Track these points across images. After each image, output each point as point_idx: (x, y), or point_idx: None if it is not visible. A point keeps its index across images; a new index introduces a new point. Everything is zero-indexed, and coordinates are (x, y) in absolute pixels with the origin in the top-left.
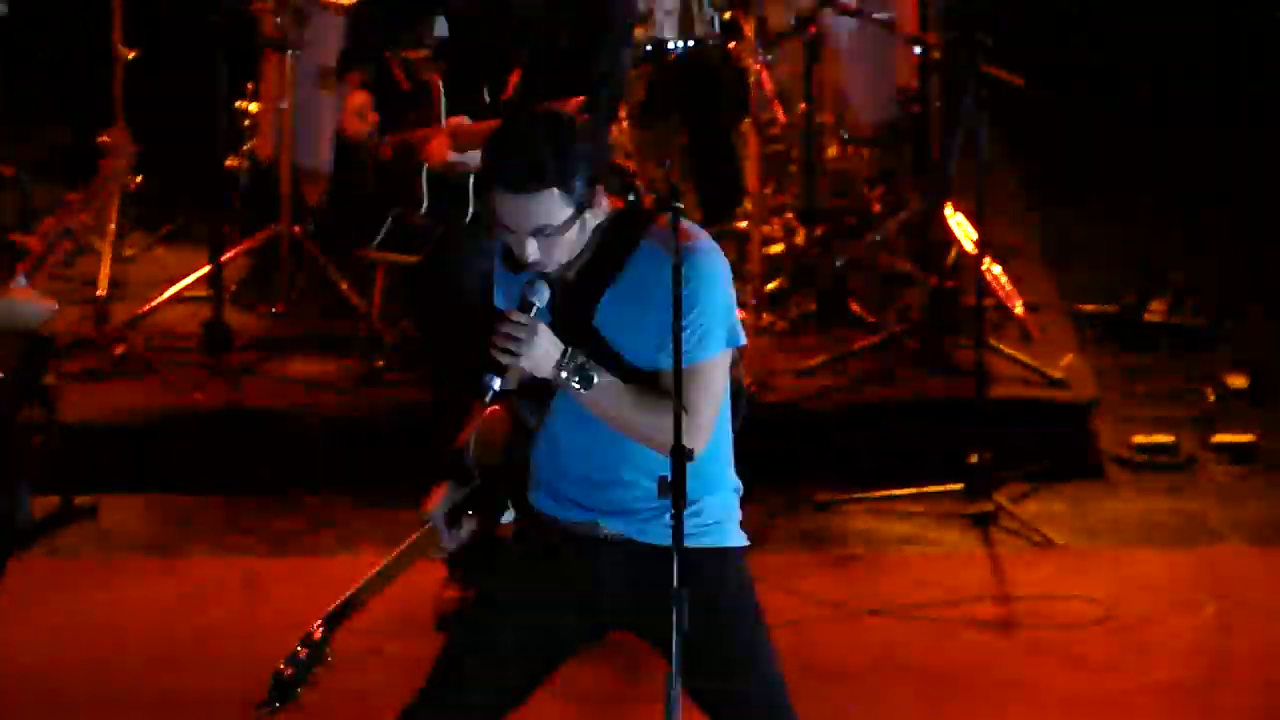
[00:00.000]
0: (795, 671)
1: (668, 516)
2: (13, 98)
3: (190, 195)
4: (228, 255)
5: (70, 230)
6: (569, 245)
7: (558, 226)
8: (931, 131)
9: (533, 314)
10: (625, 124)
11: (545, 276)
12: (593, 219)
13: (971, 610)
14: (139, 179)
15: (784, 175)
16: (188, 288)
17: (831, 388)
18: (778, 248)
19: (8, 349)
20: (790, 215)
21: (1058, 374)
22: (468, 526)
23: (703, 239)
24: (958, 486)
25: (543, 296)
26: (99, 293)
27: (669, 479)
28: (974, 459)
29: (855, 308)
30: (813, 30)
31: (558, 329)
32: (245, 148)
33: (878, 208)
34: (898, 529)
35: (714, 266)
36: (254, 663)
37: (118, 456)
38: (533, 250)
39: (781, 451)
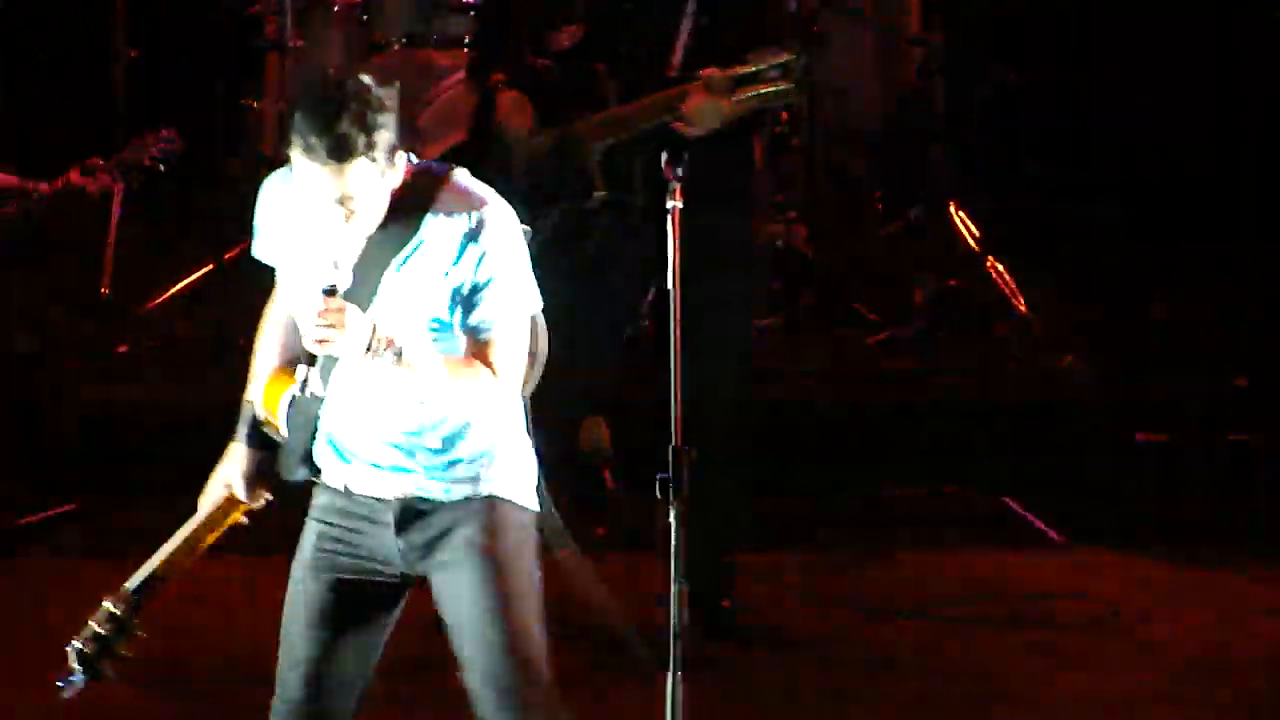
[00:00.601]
0: (796, 665)
1: (451, 472)
2: (13, 98)
3: (194, 194)
4: (231, 254)
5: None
6: (373, 213)
7: (365, 196)
8: (934, 130)
9: (338, 296)
10: None
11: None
12: (391, 183)
13: (976, 609)
14: (141, 177)
15: (787, 174)
16: (189, 286)
17: (835, 388)
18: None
19: None
20: (793, 214)
21: (1060, 372)
22: (264, 486)
23: (495, 198)
24: (963, 485)
25: (345, 280)
26: (102, 291)
27: (668, 479)
28: (980, 458)
29: (858, 307)
30: (814, 30)
31: (354, 295)
32: (248, 146)
33: (881, 207)
34: (903, 528)
35: (508, 227)
36: (256, 661)
37: (121, 455)
38: (336, 220)
39: (787, 451)
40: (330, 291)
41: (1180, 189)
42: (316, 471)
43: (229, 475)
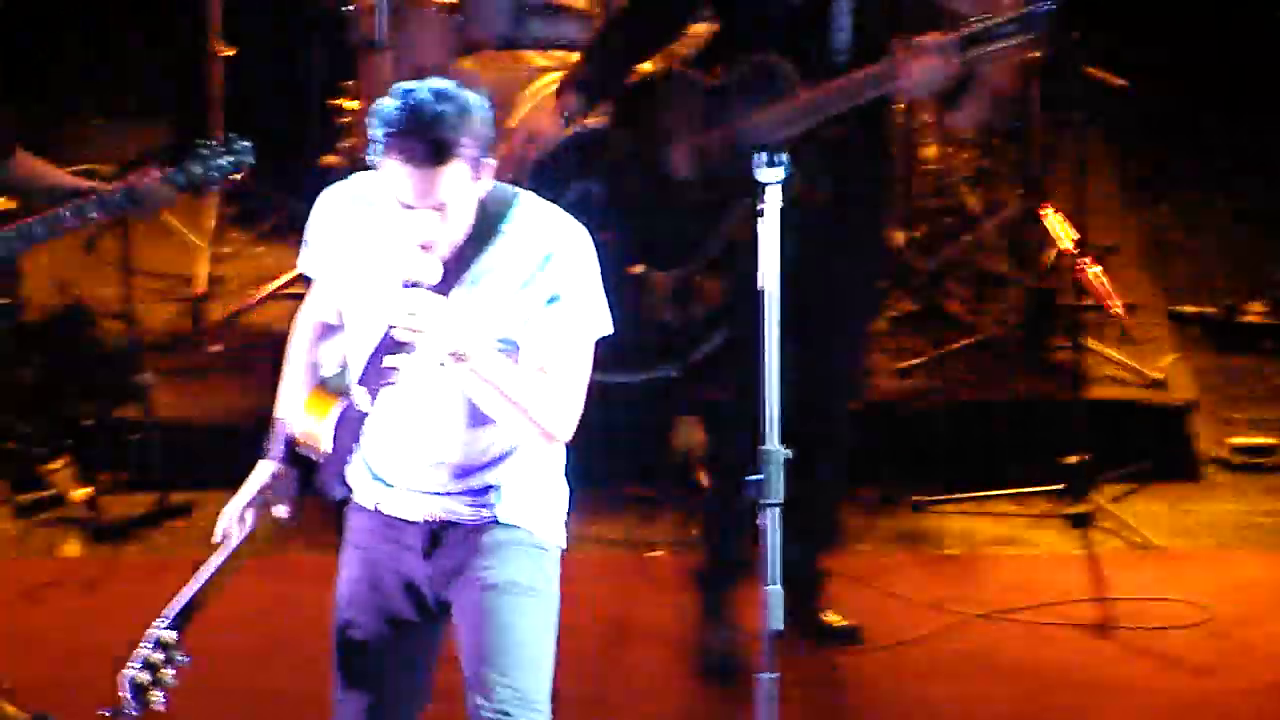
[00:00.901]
0: (891, 671)
1: (483, 498)
2: (110, 96)
3: (288, 193)
4: None
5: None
6: (464, 221)
7: (459, 202)
8: (1031, 131)
9: (426, 291)
10: None
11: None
12: (480, 190)
13: (1069, 612)
14: (238, 175)
15: None
16: (284, 286)
17: (929, 388)
18: None
19: None
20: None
21: (1156, 375)
22: (295, 506)
23: (569, 219)
24: (1056, 487)
25: (435, 275)
26: (196, 290)
27: (755, 478)
28: (1072, 460)
29: (953, 308)
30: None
31: None
32: (343, 145)
33: (976, 208)
34: (995, 530)
35: (590, 248)
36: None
37: (214, 454)
38: (428, 227)
39: (879, 452)
40: (418, 285)
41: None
42: (349, 489)
43: (264, 492)
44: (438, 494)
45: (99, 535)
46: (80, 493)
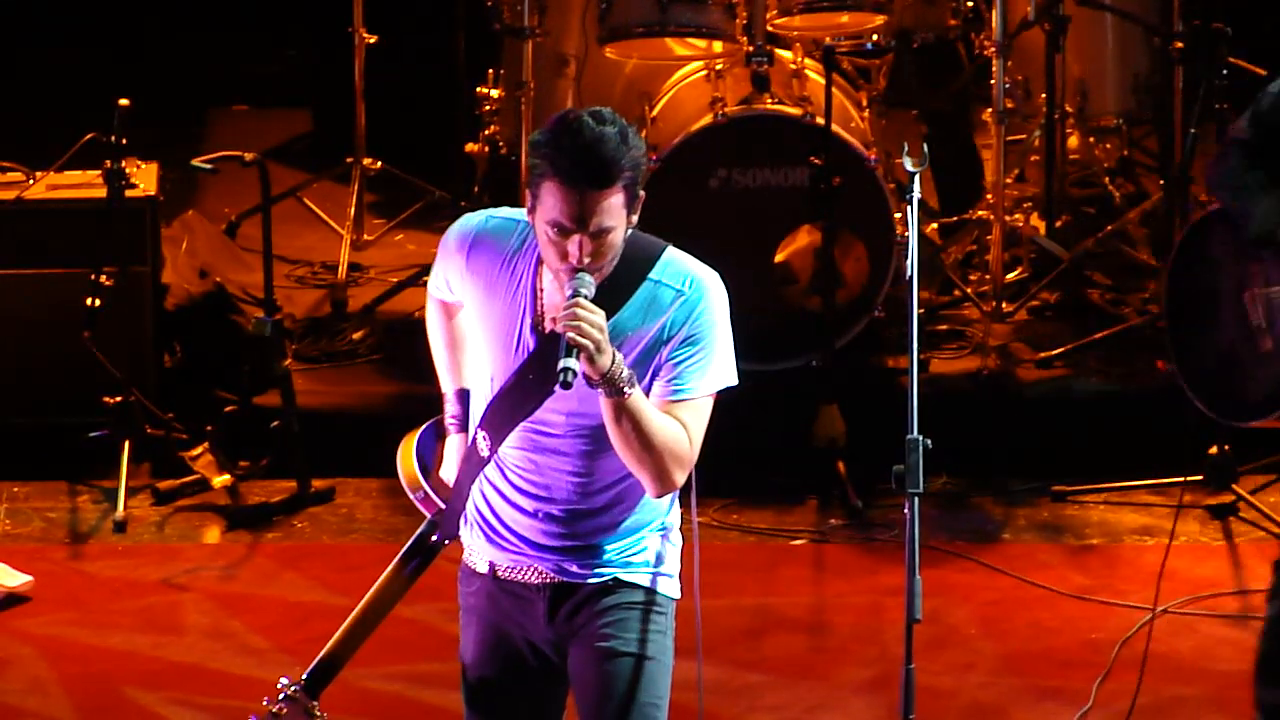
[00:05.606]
0: (1028, 659)
1: (599, 556)
2: (253, 83)
3: (430, 180)
4: None
5: None
6: (616, 251)
7: (614, 229)
8: (1174, 121)
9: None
10: (867, 113)
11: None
12: (631, 226)
13: (1210, 603)
14: (378, 164)
15: (1025, 165)
16: (425, 273)
17: (1071, 378)
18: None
19: None
20: (1029, 204)
21: None
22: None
23: (709, 271)
24: (1197, 478)
25: (591, 288)
26: (336, 278)
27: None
28: (1214, 450)
29: (1094, 298)
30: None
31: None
32: (486, 133)
33: (1118, 198)
34: (1136, 520)
35: (723, 300)
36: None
37: (354, 441)
38: (585, 252)
39: (1019, 441)
40: (581, 295)
41: None
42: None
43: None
44: (551, 549)
45: (239, 521)
46: (221, 479)
